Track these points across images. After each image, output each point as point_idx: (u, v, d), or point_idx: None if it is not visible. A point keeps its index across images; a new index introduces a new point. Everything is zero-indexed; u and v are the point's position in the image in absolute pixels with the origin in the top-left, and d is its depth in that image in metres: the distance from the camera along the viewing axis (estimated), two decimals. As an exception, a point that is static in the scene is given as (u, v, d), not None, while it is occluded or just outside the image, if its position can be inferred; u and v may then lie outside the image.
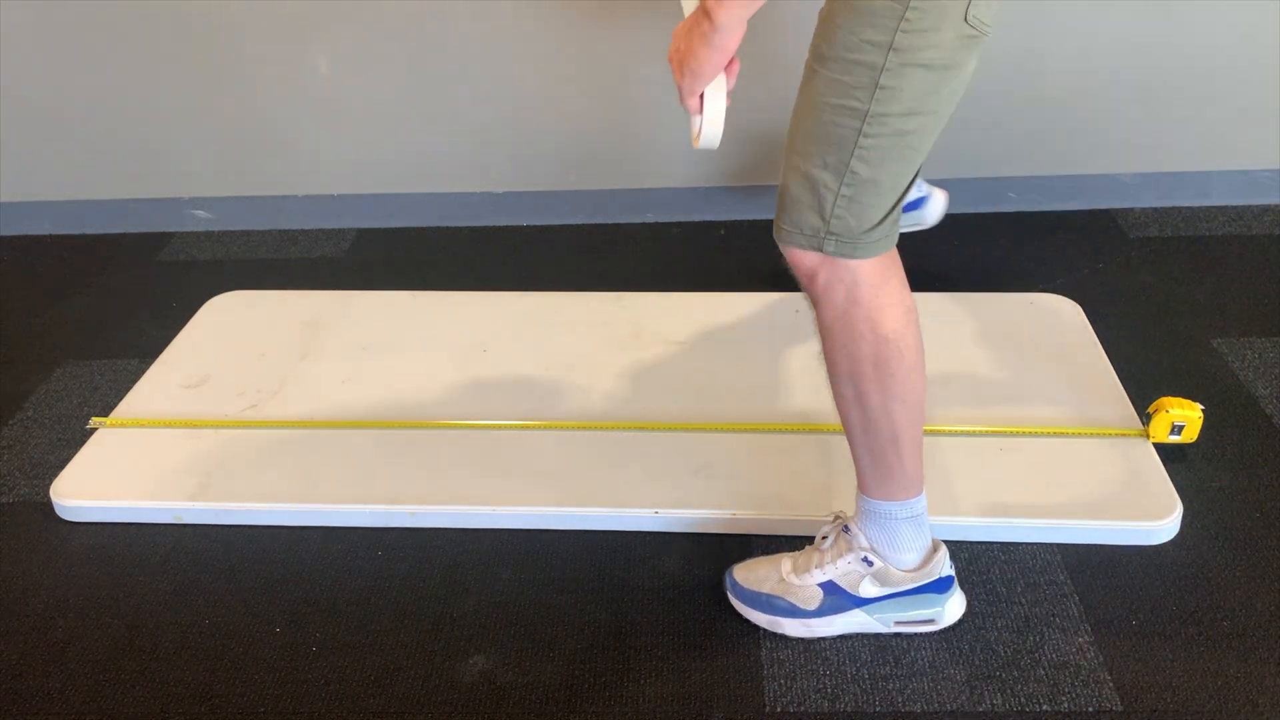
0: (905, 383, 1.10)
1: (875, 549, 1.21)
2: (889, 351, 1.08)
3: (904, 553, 1.21)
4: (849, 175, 1.01)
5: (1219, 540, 1.37)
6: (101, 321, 2.00)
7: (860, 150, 1.00)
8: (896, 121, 0.99)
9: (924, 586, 1.22)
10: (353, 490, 1.48)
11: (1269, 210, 2.16)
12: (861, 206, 1.03)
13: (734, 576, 1.28)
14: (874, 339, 1.07)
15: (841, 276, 1.06)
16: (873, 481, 1.18)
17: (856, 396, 1.11)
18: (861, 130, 0.99)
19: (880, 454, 1.15)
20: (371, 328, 1.87)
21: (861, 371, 1.09)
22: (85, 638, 1.31)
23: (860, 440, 1.15)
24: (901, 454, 1.15)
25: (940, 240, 2.12)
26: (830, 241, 1.04)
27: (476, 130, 2.20)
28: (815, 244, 1.05)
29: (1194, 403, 1.48)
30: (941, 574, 1.22)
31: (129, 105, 2.19)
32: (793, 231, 1.07)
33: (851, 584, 1.22)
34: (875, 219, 1.04)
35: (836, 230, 1.04)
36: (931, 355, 1.70)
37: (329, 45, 2.12)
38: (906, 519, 1.19)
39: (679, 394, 1.65)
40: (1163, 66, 2.06)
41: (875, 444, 1.14)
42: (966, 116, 2.13)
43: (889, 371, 1.09)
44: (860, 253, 1.05)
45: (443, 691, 1.22)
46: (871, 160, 1.01)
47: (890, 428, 1.12)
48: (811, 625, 1.24)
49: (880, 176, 1.02)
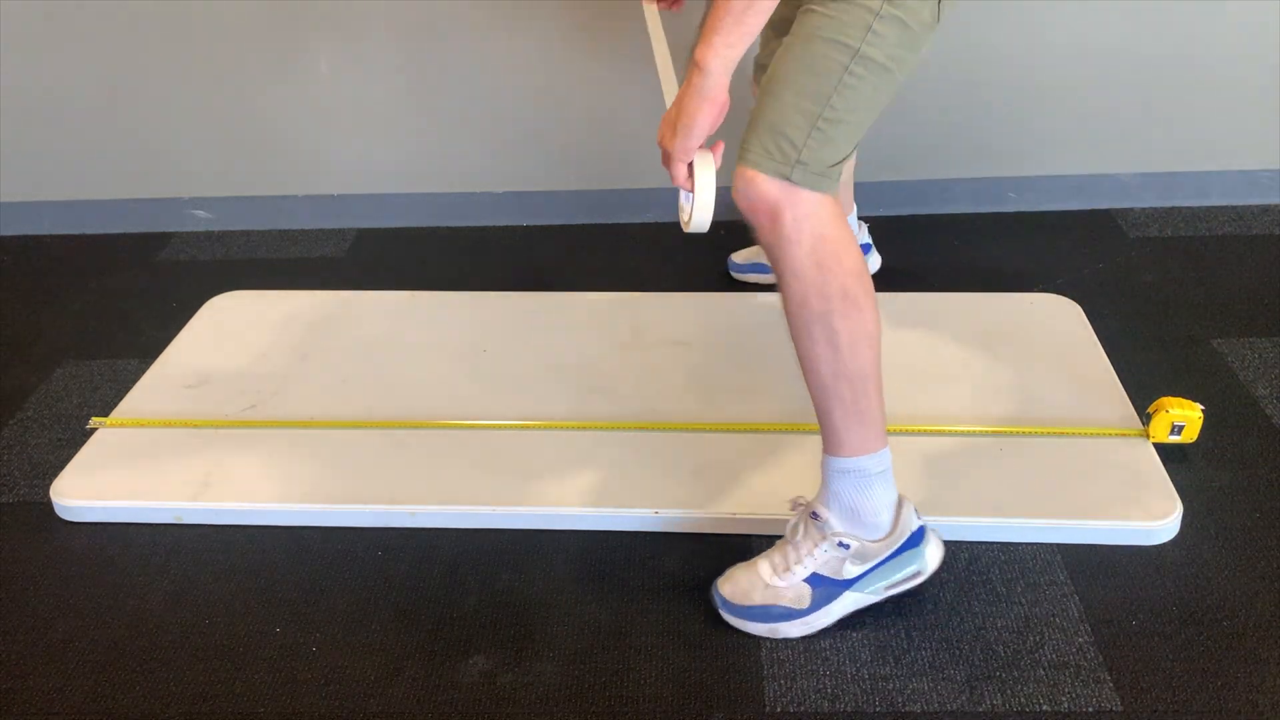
0: (870, 317, 1.13)
1: (849, 522, 1.21)
2: (855, 285, 1.11)
3: (878, 514, 1.21)
4: (828, 109, 1.07)
5: (1219, 540, 1.37)
6: (101, 321, 2.00)
7: (843, 85, 1.06)
8: (877, 68, 1.07)
9: (901, 547, 1.23)
10: (353, 490, 1.48)
11: (1269, 210, 2.16)
12: (831, 143, 1.08)
13: (721, 593, 1.27)
14: (842, 272, 1.10)
15: (809, 212, 1.08)
16: (846, 434, 1.18)
17: (828, 337, 1.12)
18: (848, 68, 1.06)
19: (855, 398, 1.16)
20: (371, 328, 1.87)
21: (832, 309, 1.11)
22: (85, 638, 1.31)
23: (833, 389, 1.15)
24: (872, 394, 1.16)
25: (940, 240, 2.12)
26: (799, 170, 1.07)
27: (476, 130, 2.20)
28: (783, 171, 1.07)
29: (1194, 403, 1.48)
30: (914, 528, 1.23)
31: (129, 105, 2.19)
32: (762, 157, 1.08)
33: (835, 570, 1.22)
34: (837, 158, 1.09)
35: (806, 159, 1.07)
36: (932, 355, 1.72)
37: (329, 45, 2.12)
38: (879, 474, 1.20)
39: (679, 394, 1.65)
40: (1163, 66, 2.06)
41: (849, 387, 1.15)
42: (967, 116, 2.14)
43: (857, 305, 1.11)
44: (823, 185, 1.09)
45: (443, 691, 1.22)
46: (848, 99, 1.07)
47: (861, 365, 1.14)
48: (810, 621, 1.24)
49: (850, 118, 1.09)
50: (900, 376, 1.65)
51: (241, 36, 2.10)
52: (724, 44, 1.02)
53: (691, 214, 1.09)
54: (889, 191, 2.16)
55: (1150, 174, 2.18)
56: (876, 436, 1.19)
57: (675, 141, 1.07)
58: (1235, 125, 2.11)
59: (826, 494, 1.22)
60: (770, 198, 1.08)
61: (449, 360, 1.76)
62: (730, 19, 1.01)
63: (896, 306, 1.84)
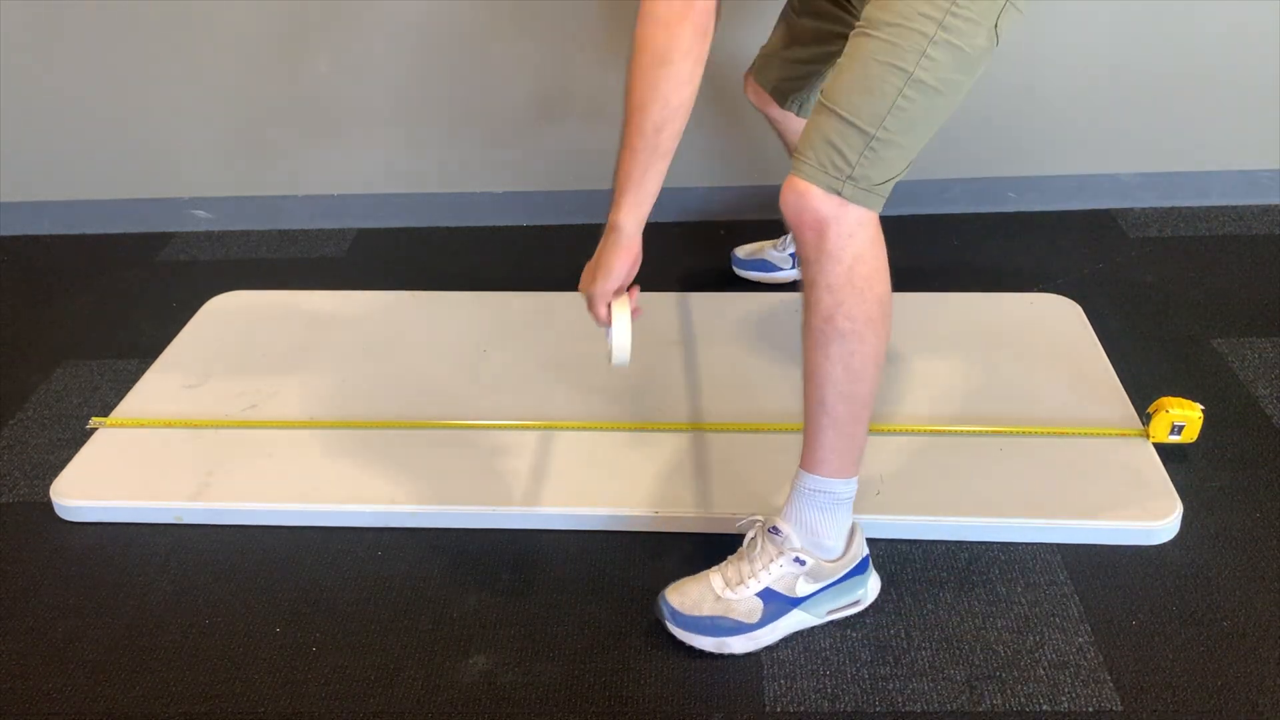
0: (883, 347, 1.15)
1: (806, 541, 1.22)
2: (880, 311, 1.13)
3: (835, 538, 1.23)
4: (882, 130, 1.08)
5: (1219, 540, 1.37)
6: (101, 321, 2.00)
7: (896, 109, 1.08)
8: (930, 91, 1.08)
9: (851, 571, 1.25)
10: (353, 490, 1.48)
11: (1269, 210, 2.16)
12: (883, 162, 1.09)
13: (670, 604, 1.25)
14: (873, 297, 1.12)
15: (853, 230, 1.09)
16: (832, 455, 1.19)
17: (844, 357, 1.13)
18: (902, 91, 1.07)
19: (849, 420, 1.17)
20: (371, 328, 1.87)
21: (857, 330, 1.12)
22: (85, 638, 1.31)
23: (832, 407, 1.16)
24: (864, 421, 1.18)
25: (940, 240, 2.12)
26: (849, 185, 1.09)
27: (476, 130, 2.20)
28: (835, 185, 1.09)
29: (1194, 403, 1.48)
30: (864, 554, 1.26)
31: (129, 105, 2.19)
32: (816, 170, 1.09)
33: (788, 586, 1.23)
34: (887, 176, 1.11)
35: (857, 176, 1.09)
36: (932, 355, 1.72)
37: (329, 45, 2.12)
38: (846, 499, 1.22)
39: (679, 394, 1.65)
40: (1163, 66, 2.06)
41: (849, 409, 1.16)
42: (967, 116, 2.13)
43: (877, 332, 1.13)
44: (871, 203, 1.10)
45: (443, 691, 1.22)
46: (902, 120, 1.08)
47: (865, 390, 1.16)
48: (757, 637, 1.24)
49: (904, 139, 1.10)
50: (900, 376, 1.65)
51: (241, 36, 2.10)
52: (633, 204, 1.16)
53: (612, 348, 1.20)
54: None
55: (1150, 174, 2.18)
56: (854, 463, 1.21)
57: (595, 286, 1.21)
58: (1235, 125, 2.11)
59: (791, 509, 1.24)
60: (820, 212, 1.09)
61: (449, 360, 1.76)
62: (632, 184, 1.15)
63: (897, 306, 1.82)
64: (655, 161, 1.14)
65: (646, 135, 1.13)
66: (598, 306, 1.23)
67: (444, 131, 2.21)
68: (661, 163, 1.15)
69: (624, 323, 1.20)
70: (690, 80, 1.12)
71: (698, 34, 1.10)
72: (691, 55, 1.11)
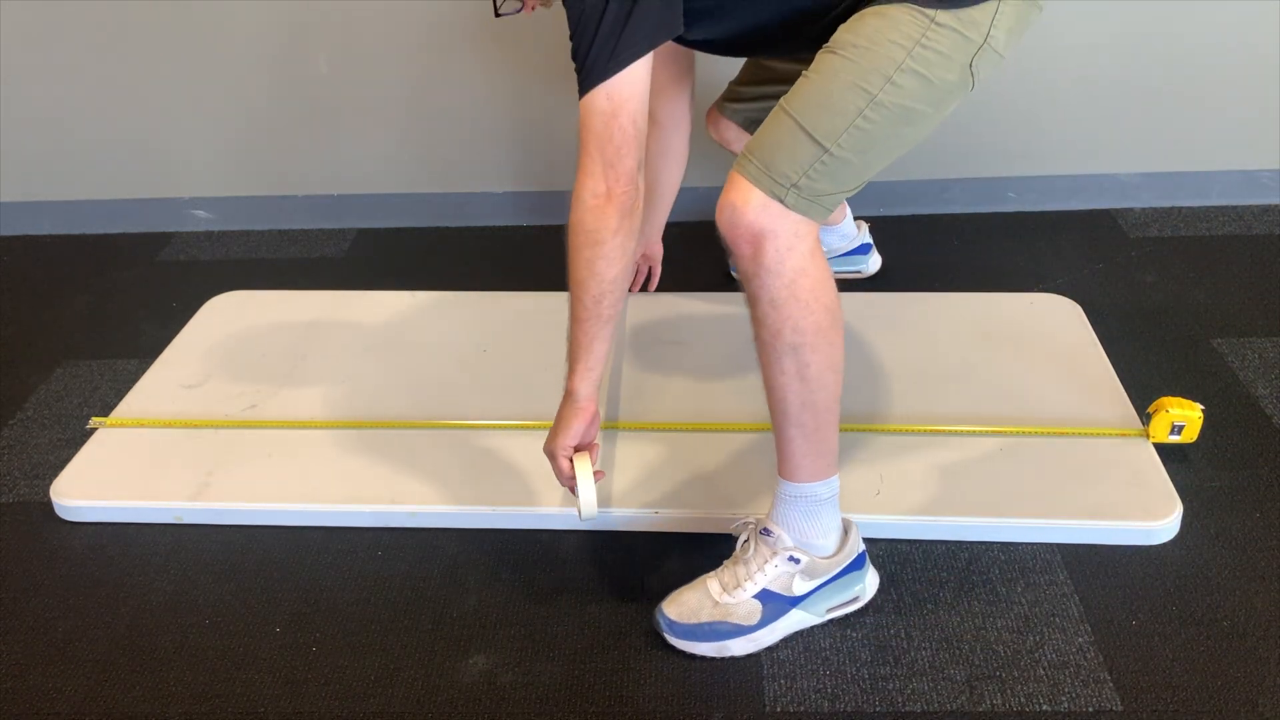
0: (839, 351, 1.15)
1: (799, 543, 1.23)
2: (829, 320, 1.12)
3: (825, 537, 1.24)
4: (836, 146, 1.08)
5: (1219, 540, 1.37)
6: (101, 321, 2.00)
7: (855, 127, 1.08)
8: (892, 117, 1.09)
9: (847, 568, 1.25)
10: (353, 490, 1.48)
11: (1269, 210, 2.16)
12: (833, 177, 1.10)
13: (667, 615, 1.25)
14: (819, 307, 1.11)
15: (791, 244, 1.09)
16: (804, 461, 1.20)
17: (799, 369, 1.14)
18: (863, 111, 1.08)
19: (816, 427, 1.18)
20: (371, 328, 1.87)
21: (806, 342, 1.12)
22: (85, 638, 1.31)
23: (796, 417, 1.17)
24: (833, 424, 1.19)
25: (940, 240, 2.12)
26: (792, 194, 1.08)
27: (475, 130, 2.20)
28: (778, 193, 1.08)
29: (1194, 403, 1.48)
30: (860, 550, 1.26)
31: (129, 105, 2.19)
32: (761, 172, 1.09)
33: (784, 586, 1.23)
34: (832, 190, 1.10)
35: (802, 185, 1.08)
36: (932, 355, 1.72)
37: (329, 45, 2.12)
38: (828, 499, 1.23)
39: (679, 394, 1.65)
40: (1163, 66, 2.06)
41: (812, 417, 1.17)
42: (967, 116, 2.13)
43: (829, 340, 1.13)
44: (814, 213, 1.10)
45: (443, 691, 1.22)
46: (860, 140, 1.09)
47: (827, 397, 1.16)
48: (757, 638, 1.24)
49: (858, 159, 1.10)
50: (900, 376, 1.65)
51: (242, 36, 2.10)
52: (584, 370, 1.23)
53: (579, 506, 1.25)
54: (889, 191, 2.16)
55: (1150, 174, 2.18)
56: (829, 465, 1.21)
57: (555, 444, 1.26)
58: (1235, 125, 2.11)
59: (776, 514, 1.24)
60: (755, 226, 1.08)
61: (449, 360, 1.76)
62: (581, 350, 1.22)
63: (897, 306, 1.84)
64: (600, 328, 1.21)
65: (588, 308, 1.19)
66: (560, 464, 1.27)
67: (444, 131, 2.21)
68: (606, 328, 1.21)
69: (586, 480, 1.25)
70: (622, 255, 1.17)
71: (624, 213, 1.15)
72: (621, 232, 1.16)
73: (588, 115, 1.13)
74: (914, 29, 1.07)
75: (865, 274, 1.96)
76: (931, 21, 1.07)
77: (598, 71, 1.10)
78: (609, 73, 1.09)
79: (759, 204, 1.08)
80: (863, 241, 1.94)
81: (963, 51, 1.09)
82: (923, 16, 1.07)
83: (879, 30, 1.08)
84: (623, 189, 1.14)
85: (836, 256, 1.93)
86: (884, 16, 1.08)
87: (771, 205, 1.08)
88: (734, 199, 1.10)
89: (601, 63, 1.09)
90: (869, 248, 1.95)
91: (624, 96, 1.11)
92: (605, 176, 1.14)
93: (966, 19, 1.08)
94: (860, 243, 1.93)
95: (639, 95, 1.12)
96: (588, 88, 1.11)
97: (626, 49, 1.09)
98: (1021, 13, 1.12)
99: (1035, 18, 1.16)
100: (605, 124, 1.12)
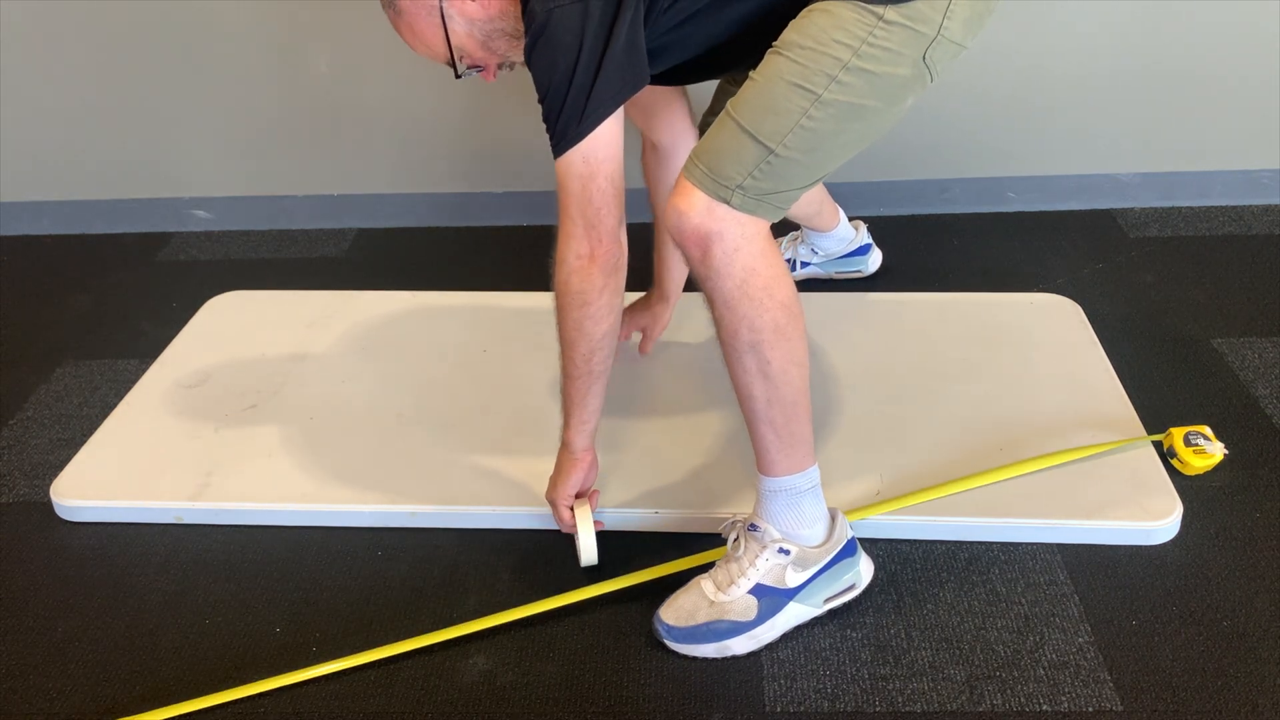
0: (800, 345, 1.15)
1: (786, 536, 1.23)
2: (785, 316, 1.12)
3: (810, 527, 1.24)
4: (781, 146, 1.08)
5: (1219, 540, 1.37)
6: (101, 321, 2.00)
7: (800, 128, 1.08)
8: (838, 116, 1.08)
9: (838, 555, 1.25)
10: (353, 490, 1.48)
11: (1269, 210, 2.16)
12: (780, 177, 1.10)
13: (665, 621, 1.25)
14: (773, 305, 1.11)
15: (738, 245, 1.09)
16: (779, 456, 1.20)
17: (760, 366, 1.14)
18: (807, 112, 1.08)
19: (785, 421, 1.18)
20: (371, 328, 1.87)
21: (763, 340, 1.12)
22: (85, 638, 1.31)
23: (764, 414, 1.17)
24: (803, 416, 1.19)
25: (940, 240, 2.12)
26: (738, 195, 1.09)
27: (476, 130, 2.20)
28: (723, 194, 1.09)
29: (1214, 444, 1.46)
30: (848, 537, 1.26)
31: (129, 105, 2.19)
32: (705, 175, 1.10)
33: (778, 579, 1.23)
34: (780, 189, 1.11)
35: (748, 186, 1.09)
36: (932, 355, 1.72)
37: (329, 45, 2.12)
38: (809, 490, 1.23)
39: (679, 393, 1.65)
40: (1163, 66, 2.06)
41: (780, 412, 1.17)
42: (967, 116, 2.14)
43: (786, 335, 1.13)
44: (763, 212, 1.10)
45: (443, 691, 1.22)
46: (806, 139, 1.09)
47: (792, 391, 1.16)
48: (757, 635, 1.24)
49: (806, 158, 1.10)
50: (900, 376, 1.65)
51: (241, 36, 2.10)
52: (579, 423, 1.29)
53: (580, 552, 1.31)
54: (889, 191, 2.16)
55: (1150, 174, 2.18)
56: (805, 456, 1.22)
57: (556, 494, 1.33)
58: (1235, 125, 2.11)
59: (761, 509, 1.25)
60: (701, 229, 1.09)
61: (449, 360, 1.76)
62: (575, 405, 1.28)
63: (896, 306, 1.84)
64: (593, 383, 1.26)
65: (579, 365, 1.24)
66: (561, 513, 1.33)
67: (443, 131, 2.21)
68: (599, 382, 1.26)
69: (586, 526, 1.31)
70: (610, 313, 1.20)
71: (609, 271, 1.18)
72: (607, 290, 1.19)
73: (565, 178, 1.14)
74: (860, 28, 1.06)
75: (866, 273, 1.96)
76: (879, 19, 1.06)
77: (571, 135, 1.11)
78: (581, 134, 1.11)
79: (704, 207, 1.09)
80: (862, 243, 1.93)
81: (914, 46, 1.08)
82: (870, 14, 1.06)
83: (824, 29, 1.07)
84: (605, 248, 1.16)
85: (836, 259, 1.93)
86: (831, 14, 1.07)
87: (717, 207, 1.09)
88: (679, 203, 1.10)
89: (573, 126, 1.11)
90: (869, 248, 1.95)
91: (600, 158, 1.13)
92: (588, 237, 1.16)
93: (916, 14, 1.07)
94: (860, 244, 1.93)
95: (614, 155, 1.14)
96: (561, 151, 1.13)
97: (595, 109, 1.10)
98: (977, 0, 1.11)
99: (995, 4, 1.14)
100: (584, 186, 1.14)
